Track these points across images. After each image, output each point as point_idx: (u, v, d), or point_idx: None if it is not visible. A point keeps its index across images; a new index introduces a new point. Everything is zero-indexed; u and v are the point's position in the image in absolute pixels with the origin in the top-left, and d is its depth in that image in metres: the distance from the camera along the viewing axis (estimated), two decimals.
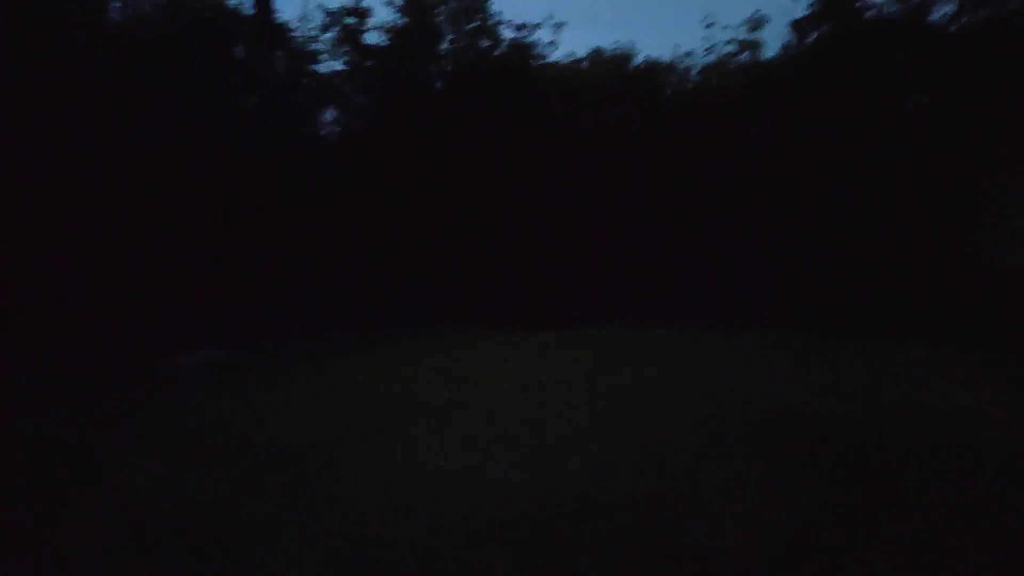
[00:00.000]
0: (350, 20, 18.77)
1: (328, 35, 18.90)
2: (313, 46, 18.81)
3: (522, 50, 18.97)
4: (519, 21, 18.98)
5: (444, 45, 19.26)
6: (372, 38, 19.21)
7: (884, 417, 7.45)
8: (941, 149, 17.61)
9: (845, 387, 8.99)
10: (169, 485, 5.77)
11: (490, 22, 18.96)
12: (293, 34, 18.56)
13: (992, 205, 17.67)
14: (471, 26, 18.96)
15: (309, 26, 18.69)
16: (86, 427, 7.75)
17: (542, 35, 18.69)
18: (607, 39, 20.80)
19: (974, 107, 16.87)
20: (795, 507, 5.06)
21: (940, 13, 17.61)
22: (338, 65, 19.24)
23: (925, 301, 17.66)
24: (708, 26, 19.22)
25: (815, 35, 18.26)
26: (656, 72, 18.81)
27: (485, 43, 19.10)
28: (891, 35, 17.79)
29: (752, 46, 18.58)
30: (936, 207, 18.56)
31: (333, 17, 18.79)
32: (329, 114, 19.44)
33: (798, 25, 18.21)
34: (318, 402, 8.70)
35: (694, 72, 18.98)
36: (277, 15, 18.25)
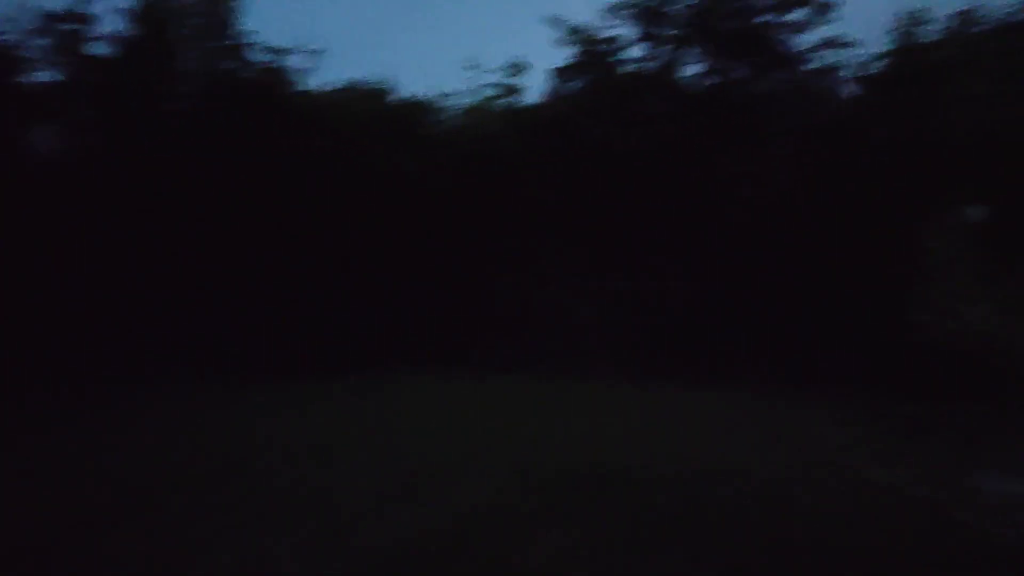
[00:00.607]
0: (69, 26, 16.54)
1: (42, 42, 16.54)
2: (21, 52, 16.36)
3: (273, 75, 17.49)
4: (271, 44, 17.51)
5: (185, 63, 17.42)
6: (99, 48, 17.05)
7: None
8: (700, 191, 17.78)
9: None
10: None
11: (238, 43, 17.38)
12: None
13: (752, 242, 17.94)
14: (216, 45, 17.29)
15: (17, 29, 16.26)
16: None
17: (296, 61, 17.18)
18: (365, 72, 19.99)
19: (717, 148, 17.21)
20: None
21: (688, 73, 18.12)
22: (55, 76, 16.85)
23: (705, 341, 17.52)
24: (470, 68, 18.70)
25: (574, 84, 18.21)
26: (417, 110, 17.93)
27: (232, 64, 17.45)
28: (644, 88, 18.03)
29: (513, 91, 18.21)
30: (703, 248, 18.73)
31: (49, 21, 16.49)
32: (41, 130, 16.85)
33: (558, 74, 18.09)
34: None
35: (456, 112, 18.29)
36: None
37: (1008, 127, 16.04)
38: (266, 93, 17.52)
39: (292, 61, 17.49)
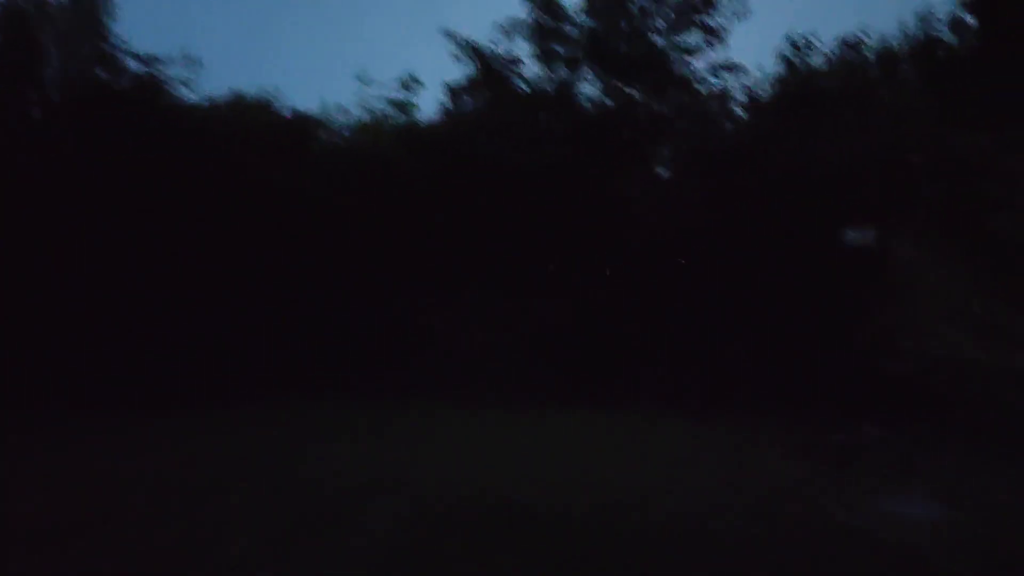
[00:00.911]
0: None
1: None
2: None
3: (150, 84, 16.56)
4: (147, 52, 16.57)
5: (52, 70, 16.34)
6: None
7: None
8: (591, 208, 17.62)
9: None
10: None
11: (111, 50, 16.40)
12: None
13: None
14: (86, 51, 16.27)
15: None
16: None
17: (175, 71, 16.28)
18: (250, 84, 19.19)
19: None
20: None
21: (584, 93, 18.00)
22: None
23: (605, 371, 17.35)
24: (362, 82, 18.09)
25: (472, 102, 17.87)
26: (306, 124, 17.27)
27: (104, 72, 16.46)
28: (540, 108, 17.83)
29: (406, 107, 17.74)
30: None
31: None
32: None
33: (453, 91, 17.71)
34: None
35: (347, 128, 17.72)
36: None
37: (890, 154, 16.42)
38: (142, 103, 16.57)
39: (170, 70, 16.59)
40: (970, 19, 17.51)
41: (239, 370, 16.72)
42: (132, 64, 16.61)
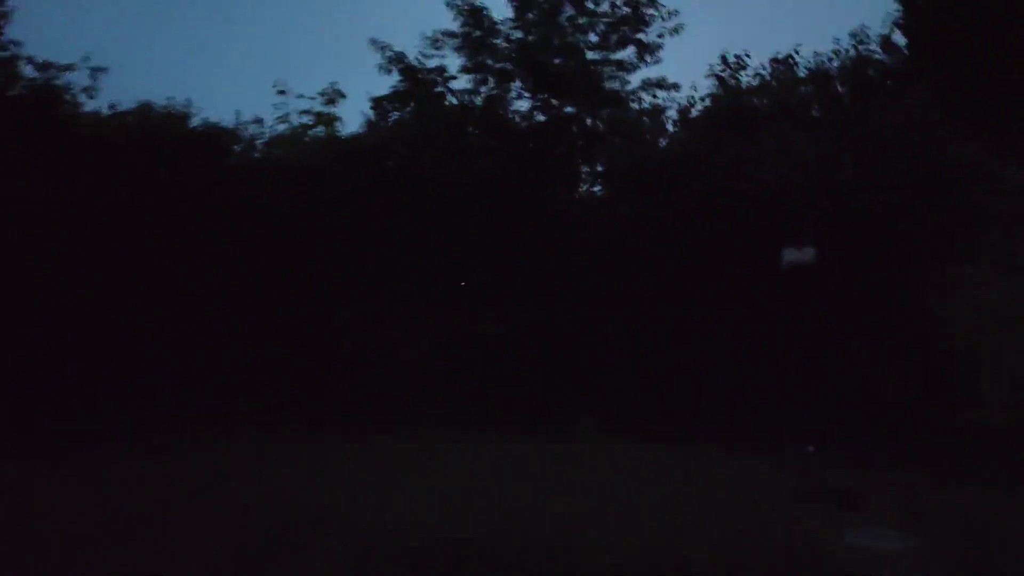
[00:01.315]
0: None
1: None
2: None
3: (46, 92, 15.50)
4: (47, 59, 15.56)
5: None
6: None
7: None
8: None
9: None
10: None
11: (5, 55, 15.34)
12: None
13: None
14: None
15: None
16: None
17: (77, 79, 15.29)
18: (162, 94, 18.11)
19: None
20: None
21: (515, 107, 17.49)
22: None
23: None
24: (280, 93, 17.26)
25: (398, 114, 17.20)
26: (223, 136, 16.34)
27: None
28: (469, 122, 17.25)
29: (328, 120, 16.96)
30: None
31: None
32: None
33: (380, 102, 17.02)
34: None
35: (263, 141, 16.85)
36: None
37: (823, 175, 16.13)
38: (40, 113, 15.48)
39: (70, 77, 15.59)
40: (899, 38, 17.69)
41: (154, 397, 15.50)
42: (28, 70, 15.60)
